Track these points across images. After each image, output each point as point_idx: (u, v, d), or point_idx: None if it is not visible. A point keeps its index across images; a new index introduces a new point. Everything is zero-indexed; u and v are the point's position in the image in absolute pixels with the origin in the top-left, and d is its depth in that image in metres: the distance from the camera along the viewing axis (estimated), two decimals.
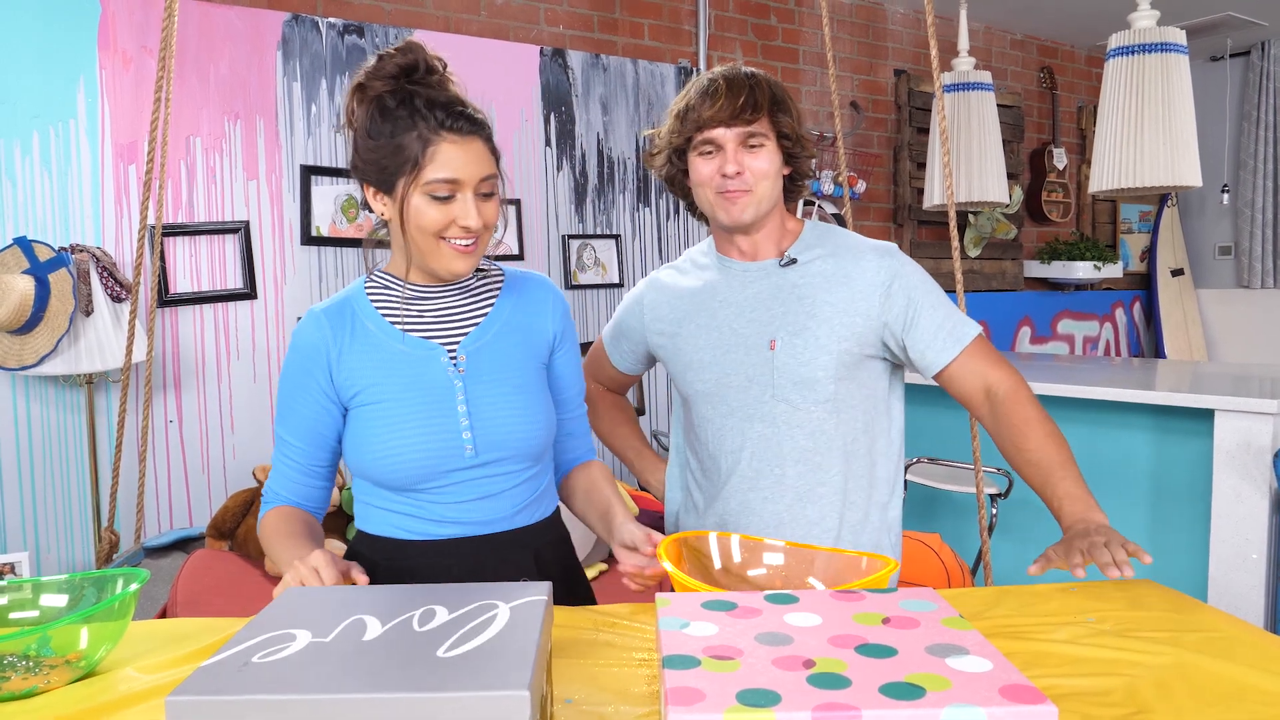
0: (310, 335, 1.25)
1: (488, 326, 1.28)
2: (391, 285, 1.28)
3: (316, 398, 1.25)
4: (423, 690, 0.67)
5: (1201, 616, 1.13)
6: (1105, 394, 2.86)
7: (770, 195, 1.44)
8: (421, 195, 1.17)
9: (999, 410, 1.39)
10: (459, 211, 1.18)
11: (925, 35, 4.61)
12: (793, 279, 1.46)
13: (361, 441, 1.22)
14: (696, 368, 1.50)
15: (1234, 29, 5.16)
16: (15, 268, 2.39)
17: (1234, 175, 5.62)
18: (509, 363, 1.28)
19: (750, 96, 1.39)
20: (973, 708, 0.63)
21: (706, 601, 0.84)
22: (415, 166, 1.16)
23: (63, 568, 2.63)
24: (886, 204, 4.68)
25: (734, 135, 1.40)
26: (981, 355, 1.44)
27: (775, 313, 1.45)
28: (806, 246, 1.49)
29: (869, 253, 1.47)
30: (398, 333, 1.25)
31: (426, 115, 1.17)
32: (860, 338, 1.43)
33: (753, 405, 1.46)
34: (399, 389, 1.22)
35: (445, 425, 1.21)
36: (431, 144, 1.16)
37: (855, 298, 1.43)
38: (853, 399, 1.46)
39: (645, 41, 3.80)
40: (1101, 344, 5.66)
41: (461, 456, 1.22)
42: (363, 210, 1.32)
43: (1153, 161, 3.00)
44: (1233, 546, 2.56)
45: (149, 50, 2.68)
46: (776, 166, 1.43)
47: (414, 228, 1.19)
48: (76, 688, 0.95)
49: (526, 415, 1.26)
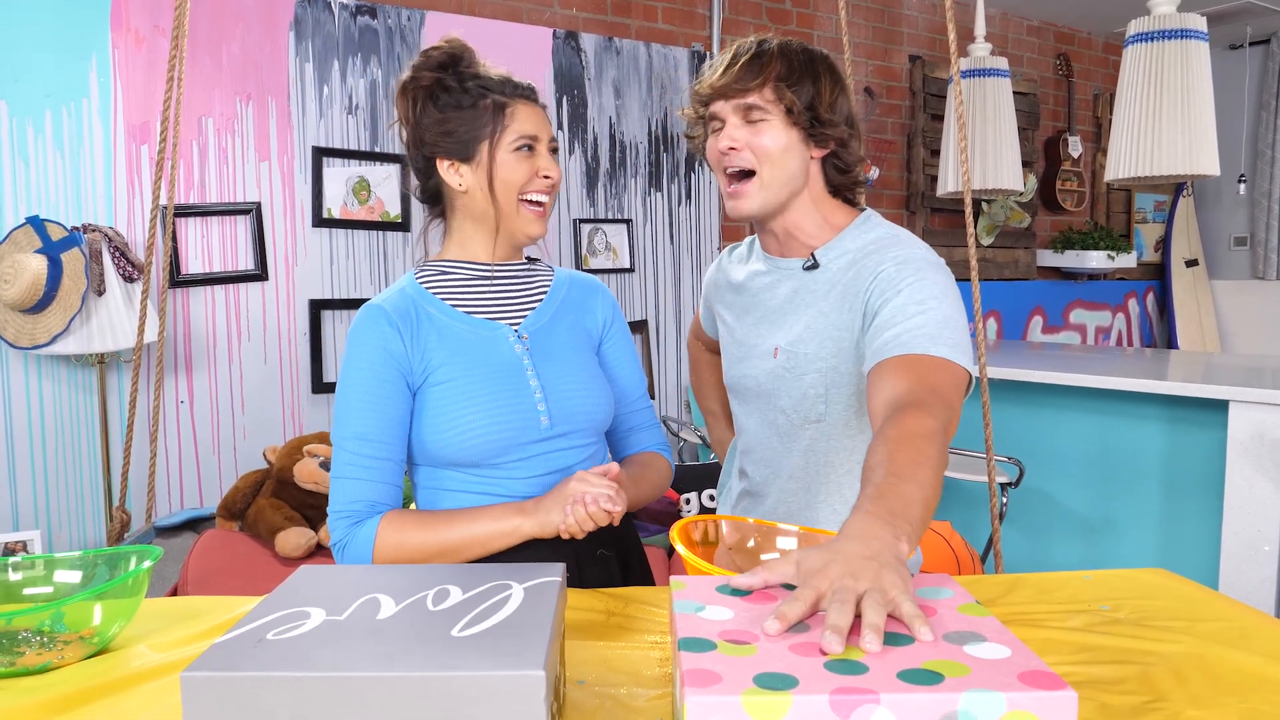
0: (382, 329, 1.22)
1: (545, 309, 1.32)
2: (448, 270, 1.29)
3: (400, 387, 1.22)
4: (437, 669, 0.67)
5: (1216, 605, 1.12)
6: (1118, 384, 2.84)
7: (781, 181, 1.26)
8: (507, 151, 1.23)
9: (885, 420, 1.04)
10: (542, 164, 1.25)
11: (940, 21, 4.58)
12: (809, 283, 1.31)
13: (436, 420, 1.21)
14: (728, 361, 1.44)
15: (1254, 16, 5.10)
16: (28, 247, 2.40)
17: (1251, 165, 5.57)
18: (568, 342, 1.31)
19: (751, 65, 1.24)
20: (993, 693, 0.62)
21: (721, 585, 0.83)
22: (498, 127, 1.23)
23: (74, 546, 2.64)
24: (900, 190, 4.65)
25: (732, 108, 1.26)
26: (921, 373, 1.10)
27: (787, 318, 1.33)
28: (839, 246, 1.30)
29: (884, 253, 1.25)
30: (460, 314, 1.26)
31: (495, 86, 1.24)
32: (850, 352, 1.26)
33: (762, 412, 1.38)
34: (470, 367, 1.23)
35: (520, 398, 1.23)
36: (509, 106, 1.24)
37: (845, 306, 1.26)
38: (845, 424, 1.30)
39: (659, 25, 3.78)
40: (1114, 334, 5.62)
41: (538, 428, 1.23)
42: (415, 197, 1.33)
43: (1170, 150, 2.97)
44: (1245, 539, 2.54)
45: (161, 30, 2.67)
46: (783, 145, 1.24)
47: (501, 184, 1.24)
48: (90, 663, 0.95)
49: (592, 388, 1.29)
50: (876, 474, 0.92)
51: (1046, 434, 3.15)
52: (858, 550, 0.78)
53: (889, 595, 0.73)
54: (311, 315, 2.96)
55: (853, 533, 0.82)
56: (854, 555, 0.77)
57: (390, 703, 0.67)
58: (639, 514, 2.68)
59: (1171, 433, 2.85)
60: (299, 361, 2.96)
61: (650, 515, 2.68)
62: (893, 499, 0.87)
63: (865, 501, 0.88)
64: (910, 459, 0.94)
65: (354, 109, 3.01)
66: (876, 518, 0.84)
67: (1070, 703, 0.63)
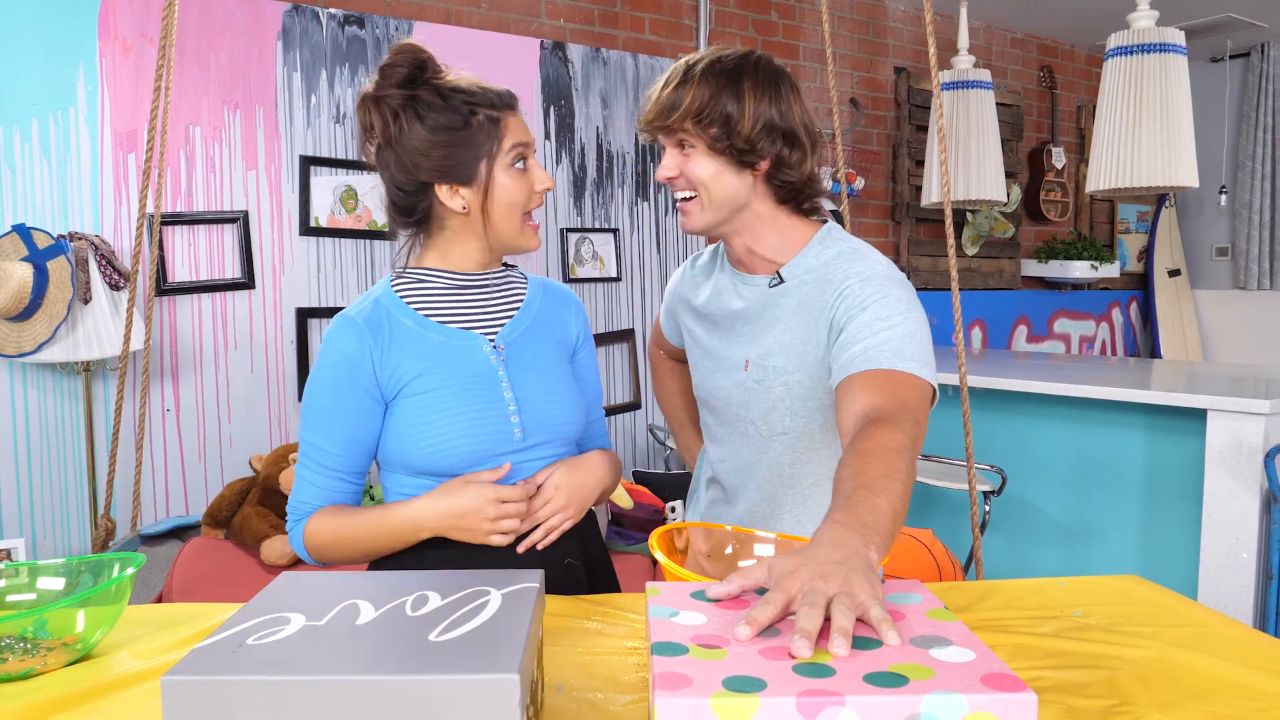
0: (349, 341, 1.22)
1: (521, 318, 1.31)
2: (426, 280, 1.27)
3: (361, 401, 1.22)
4: (415, 673, 0.69)
5: (1186, 612, 1.14)
6: (1099, 393, 2.87)
7: (720, 201, 1.27)
8: (504, 170, 1.22)
9: (856, 434, 1.06)
10: (536, 176, 1.25)
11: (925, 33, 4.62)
12: (775, 298, 1.32)
13: (409, 430, 1.21)
14: (699, 374, 1.45)
15: (1234, 30, 5.17)
16: (14, 255, 2.40)
17: (1232, 177, 5.63)
18: (544, 352, 1.31)
19: (673, 97, 1.25)
20: (954, 695, 0.64)
21: (696, 591, 0.85)
22: (494, 145, 1.21)
23: (59, 554, 2.64)
24: (885, 201, 4.69)
25: (665, 138, 1.29)
26: (889, 388, 1.12)
27: (754, 333, 1.34)
28: (802, 263, 1.32)
29: (847, 268, 1.27)
30: (435, 324, 1.25)
31: (481, 99, 1.21)
32: (817, 367, 1.28)
33: (733, 424, 1.40)
34: (444, 377, 1.22)
35: (493, 409, 1.23)
36: (501, 119, 1.22)
37: (812, 321, 1.27)
38: (811, 438, 1.33)
39: (646, 36, 3.81)
40: (1098, 343, 5.67)
41: (511, 439, 1.23)
42: (392, 217, 1.30)
43: (1150, 162, 3.02)
44: (1223, 546, 2.57)
45: (149, 39, 2.68)
46: (711, 172, 1.26)
47: (502, 205, 1.23)
48: (73, 670, 0.96)
49: (565, 400, 1.30)
50: (847, 485, 0.94)
51: (1029, 442, 3.18)
52: (828, 555, 0.80)
53: (858, 600, 0.75)
54: (298, 324, 2.97)
55: (824, 540, 0.84)
56: (825, 560, 0.79)
57: (368, 707, 0.68)
58: (624, 521, 2.69)
59: (1152, 441, 2.89)
60: (286, 370, 2.97)
61: (635, 523, 2.70)
62: (863, 510, 0.89)
63: (836, 511, 0.90)
64: (881, 472, 0.96)
65: (341, 118, 3.02)
66: (847, 527, 0.86)
67: (1030, 705, 0.64)
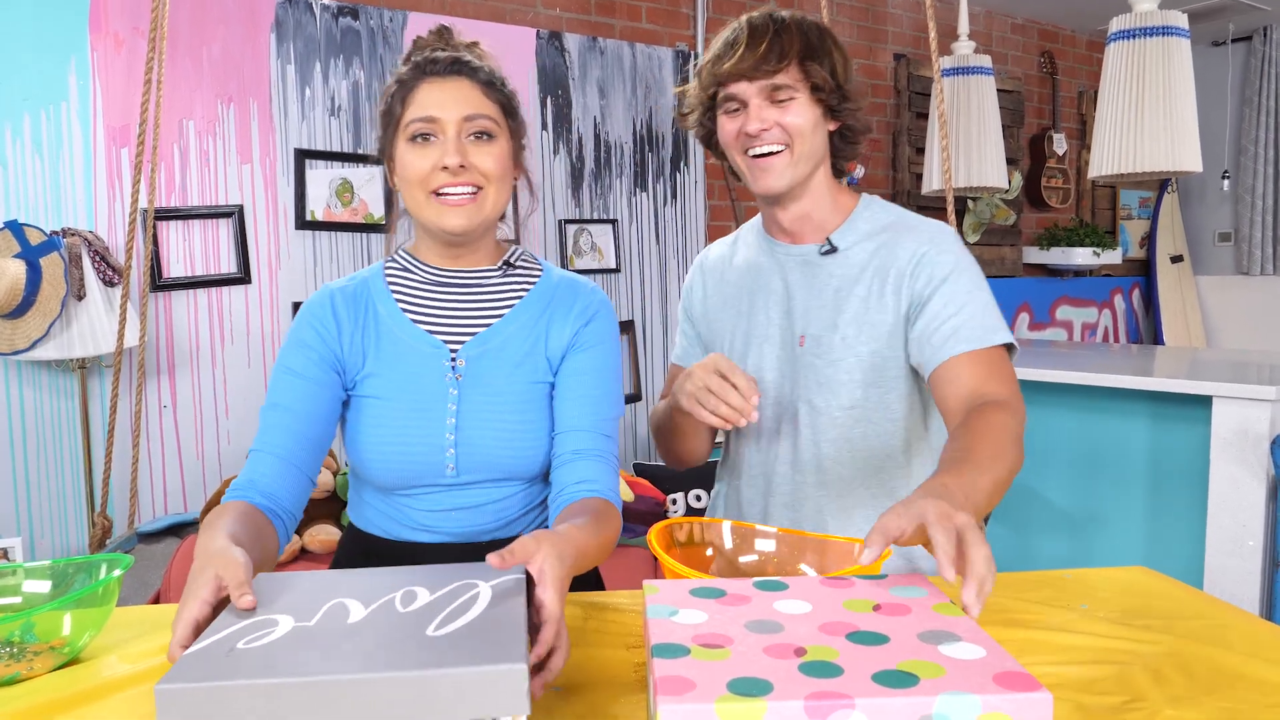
0: (322, 308, 1.18)
1: (498, 330, 1.18)
2: (411, 268, 1.21)
3: (315, 386, 1.14)
4: (420, 668, 0.67)
5: (1196, 604, 1.12)
6: (1103, 380, 2.85)
7: (808, 155, 1.27)
8: (403, 143, 1.13)
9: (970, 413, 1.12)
10: (438, 153, 1.11)
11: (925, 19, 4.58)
12: (830, 268, 1.31)
13: (353, 436, 1.17)
14: (730, 357, 1.37)
15: (1236, 13, 5.13)
16: (6, 251, 2.37)
17: (1235, 161, 5.59)
18: (513, 375, 1.17)
19: (774, 44, 1.23)
20: (967, 695, 0.62)
21: (695, 588, 0.83)
22: (399, 117, 1.13)
23: (56, 553, 2.62)
24: (885, 189, 4.66)
25: (757, 89, 1.25)
26: (990, 367, 1.18)
27: (809, 305, 1.31)
28: (853, 230, 1.32)
29: (910, 236, 1.28)
30: (407, 322, 1.18)
31: (406, 69, 1.15)
32: (890, 337, 1.27)
33: (782, 404, 1.34)
34: (394, 387, 1.16)
35: (430, 437, 1.14)
36: (411, 90, 1.13)
37: (886, 290, 1.27)
38: (886, 409, 1.30)
39: (643, 24, 3.77)
40: (1100, 330, 5.64)
41: (442, 473, 1.15)
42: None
43: (1153, 147, 2.98)
44: (1229, 534, 2.55)
45: (141, 32, 2.65)
46: (812, 121, 1.26)
47: (402, 182, 1.15)
48: (60, 674, 0.94)
49: (517, 438, 1.15)
50: (956, 459, 1.00)
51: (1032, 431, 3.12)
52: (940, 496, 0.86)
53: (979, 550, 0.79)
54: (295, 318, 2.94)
55: (929, 490, 0.89)
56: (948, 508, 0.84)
57: (373, 704, 0.66)
58: (625, 514, 2.67)
59: (1156, 429, 2.86)
60: None
61: (636, 516, 2.68)
62: (967, 478, 0.94)
63: (940, 474, 0.96)
64: (990, 453, 1.02)
65: (336, 110, 2.99)
66: (947, 488, 0.91)
67: (1046, 704, 0.62)
